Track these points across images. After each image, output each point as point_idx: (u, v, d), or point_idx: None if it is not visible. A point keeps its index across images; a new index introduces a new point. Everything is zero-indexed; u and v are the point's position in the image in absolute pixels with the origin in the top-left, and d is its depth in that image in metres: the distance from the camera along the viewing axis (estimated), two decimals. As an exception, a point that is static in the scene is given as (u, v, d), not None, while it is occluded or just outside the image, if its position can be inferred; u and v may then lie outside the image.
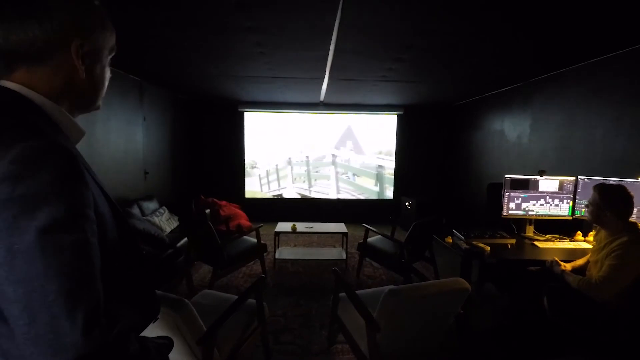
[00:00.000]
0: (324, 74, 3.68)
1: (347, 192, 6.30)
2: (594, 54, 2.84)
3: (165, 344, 0.75)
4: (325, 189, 6.28)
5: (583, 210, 2.56)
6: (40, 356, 0.46)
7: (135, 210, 3.70)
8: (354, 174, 6.25)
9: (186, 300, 1.48)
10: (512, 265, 2.45)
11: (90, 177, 0.58)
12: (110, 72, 0.69)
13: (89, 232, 0.51)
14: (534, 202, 2.70)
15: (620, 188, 1.89)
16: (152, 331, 1.59)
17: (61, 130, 0.58)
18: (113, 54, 0.68)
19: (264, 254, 3.62)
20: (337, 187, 6.28)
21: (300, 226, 4.13)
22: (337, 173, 6.24)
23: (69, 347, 0.46)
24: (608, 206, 1.86)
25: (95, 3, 0.62)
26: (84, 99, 0.64)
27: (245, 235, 3.71)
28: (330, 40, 2.58)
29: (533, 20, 2.16)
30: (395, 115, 6.12)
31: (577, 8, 1.95)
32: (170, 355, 1.82)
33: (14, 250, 0.45)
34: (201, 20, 2.28)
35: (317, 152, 6.17)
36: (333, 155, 6.18)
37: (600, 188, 1.93)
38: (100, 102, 0.68)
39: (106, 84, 0.68)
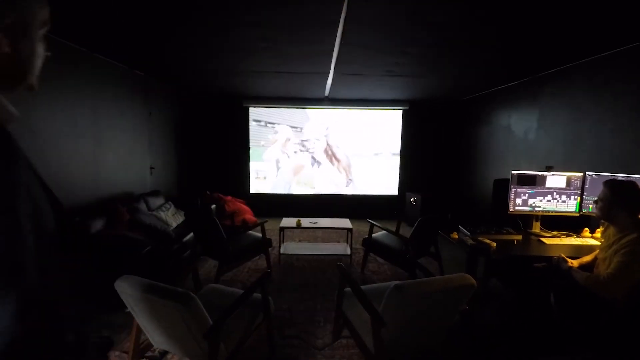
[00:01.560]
0: (329, 68, 3.66)
1: (357, 188, 6.30)
2: (602, 48, 2.79)
3: (105, 342, 0.74)
4: (334, 184, 6.29)
5: (591, 206, 2.53)
6: None
7: (142, 205, 3.73)
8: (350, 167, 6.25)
9: (192, 294, 1.49)
10: (518, 261, 2.44)
11: (26, 163, 0.55)
12: (44, 48, 0.62)
13: (23, 218, 0.49)
14: (541, 198, 2.67)
15: (632, 184, 1.86)
16: (159, 325, 1.60)
17: None
18: (46, 28, 0.62)
19: (269, 249, 3.63)
20: (347, 181, 6.28)
21: (305, 221, 4.14)
22: (347, 167, 6.23)
23: (1, 331, 0.45)
24: (619, 202, 1.83)
25: None
26: (8, 76, 0.58)
27: (251, 230, 3.72)
28: (336, 35, 2.56)
29: (541, 15, 2.12)
30: (401, 111, 6.08)
31: (586, 2, 1.91)
32: (178, 348, 1.82)
33: None
34: (206, 16, 2.27)
35: (323, 145, 6.16)
36: (337, 147, 6.17)
37: (612, 184, 1.90)
38: (32, 81, 0.62)
39: (37, 61, 0.62)
